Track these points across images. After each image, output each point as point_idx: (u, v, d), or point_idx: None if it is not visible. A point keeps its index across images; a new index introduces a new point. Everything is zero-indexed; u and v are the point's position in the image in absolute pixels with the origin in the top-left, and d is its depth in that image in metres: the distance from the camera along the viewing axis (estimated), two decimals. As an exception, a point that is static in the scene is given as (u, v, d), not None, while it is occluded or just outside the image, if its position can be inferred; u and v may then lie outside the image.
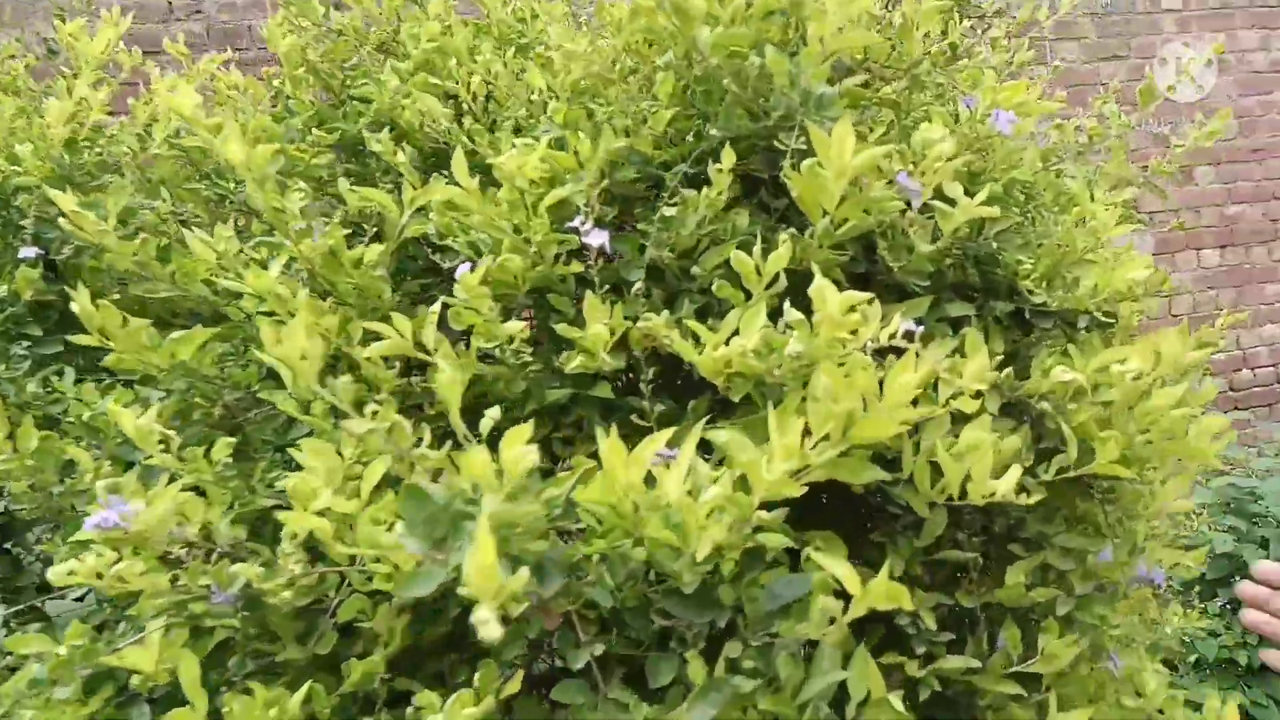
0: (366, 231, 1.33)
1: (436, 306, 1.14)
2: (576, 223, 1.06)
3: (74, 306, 1.11)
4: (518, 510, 0.76)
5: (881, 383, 0.95)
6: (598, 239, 1.03)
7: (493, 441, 0.98)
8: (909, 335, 0.95)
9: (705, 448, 1.13)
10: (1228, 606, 3.66)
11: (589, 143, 1.10)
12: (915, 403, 1.00)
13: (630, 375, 1.33)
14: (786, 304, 0.94)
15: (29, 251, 1.43)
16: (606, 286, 1.20)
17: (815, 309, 0.89)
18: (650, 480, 0.91)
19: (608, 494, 0.82)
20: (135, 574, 1.02)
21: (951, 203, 1.15)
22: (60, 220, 1.20)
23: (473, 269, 1.09)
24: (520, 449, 0.71)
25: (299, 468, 1.08)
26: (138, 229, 1.41)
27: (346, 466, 1.11)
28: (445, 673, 1.24)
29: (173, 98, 1.13)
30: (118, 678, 1.21)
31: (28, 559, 1.79)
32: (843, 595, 0.93)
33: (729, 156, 1.11)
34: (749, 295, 1.09)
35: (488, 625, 0.63)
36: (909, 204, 1.11)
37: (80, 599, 1.82)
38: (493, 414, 0.87)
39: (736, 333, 1.05)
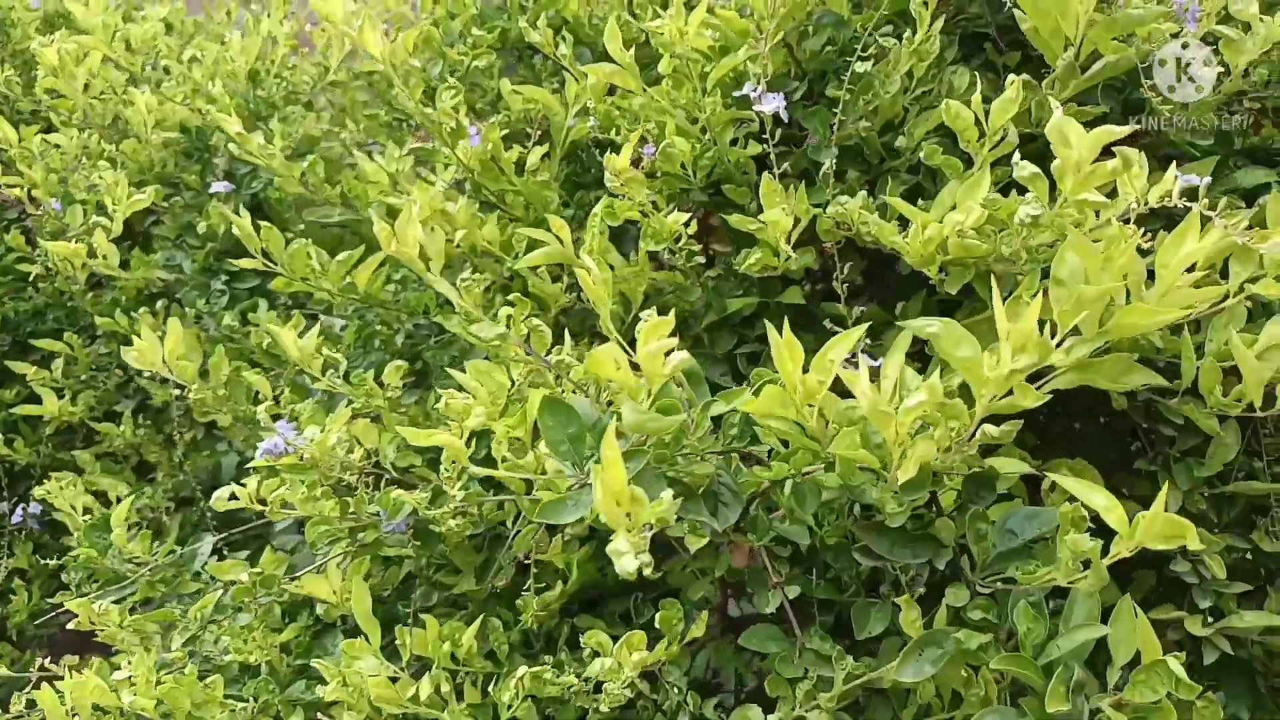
0: (531, 137, 1.22)
1: (600, 206, 1.01)
2: (747, 89, 0.89)
3: (234, 230, 1.07)
4: (659, 422, 0.62)
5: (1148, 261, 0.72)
6: (771, 105, 0.86)
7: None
8: (1189, 195, 0.71)
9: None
10: None
11: (764, -4, 0.92)
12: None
13: (824, 277, 1.15)
14: (1015, 156, 0.73)
15: (220, 186, 1.45)
16: (789, 171, 1.02)
17: (1057, 155, 0.67)
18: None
19: (783, 405, 0.66)
20: (299, 499, 0.98)
21: (1244, 28, 0.87)
22: (230, 146, 1.18)
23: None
24: (659, 344, 0.56)
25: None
26: (322, 158, 1.38)
27: (516, 390, 1.01)
28: (631, 612, 1.14)
29: (321, 2, 1.06)
30: (314, 605, 1.20)
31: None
32: (1100, 533, 0.73)
33: (937, -17, 0.89)
34: (969, 164, 0.88)
35: (623, 559, 0.50)
36: (1182, 30, 0.85)
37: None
38: (648, 314, 0.72)
39: (953, 210, 0.85)
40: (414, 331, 1.39)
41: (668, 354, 0.56)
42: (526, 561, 0.99)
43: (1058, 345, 0.69)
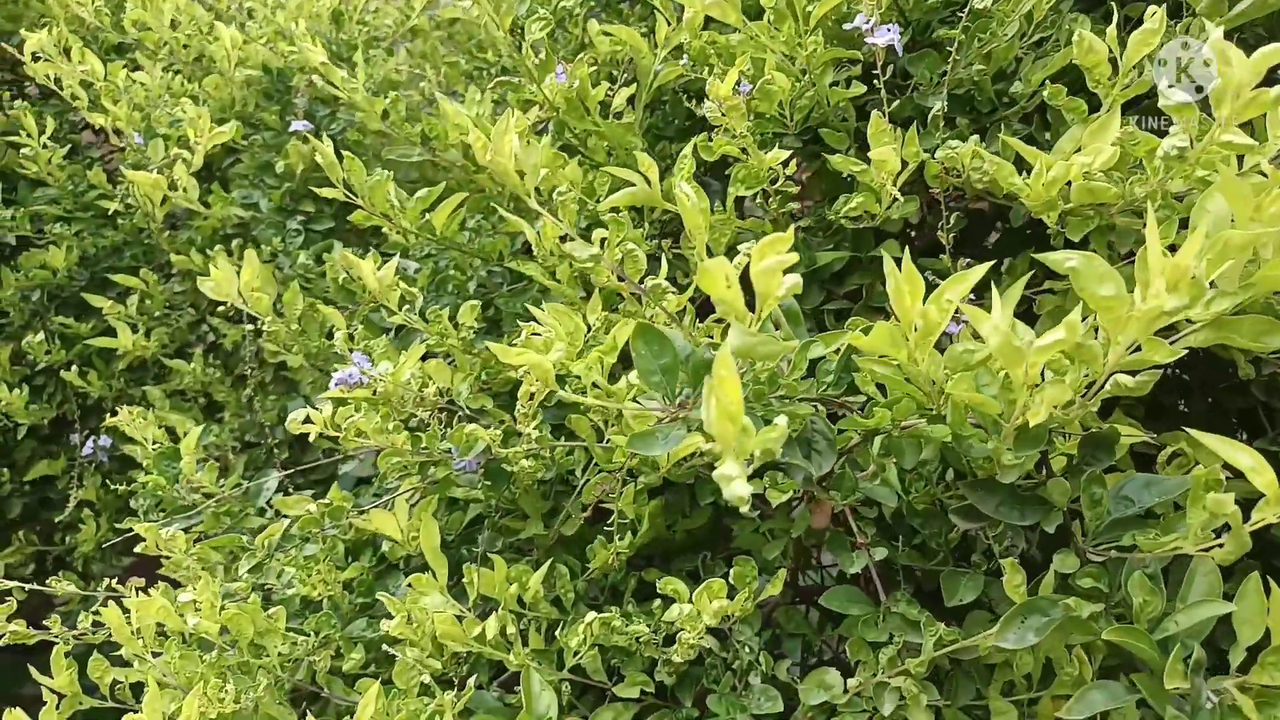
0: (617, 81, 1.19)
1: (689, 148, 0.97)
2: (859, 20, 0.84)
3: (318, 158, 1.05)
4: (770, 345, 0.58)
5: None
6: (885, 37, 0.81)
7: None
8: (1355, 136, 0.65)
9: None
10: None
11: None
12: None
13: (921, 231, 1.10)
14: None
15: (299, 124, 1.44)
16: (897, 106, 0.97)
17: (1218, 70, 0.61)
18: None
19: (894, 344, 0.62)
20: (372, 428, 0.96)
21: None
22: (311, 84, 1.16)
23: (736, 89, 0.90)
24: (776, 259, 0.52)
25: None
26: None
27: (593, 335, 0.98)
28: (700, 571, 1.11)
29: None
30: (378, 545, 1.19)
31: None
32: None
33: (1070, -89, 0.83)
34: (1094, 108, 0.82)
35: (733, 483, 0.46)
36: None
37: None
38: (746, 249, 0.68)
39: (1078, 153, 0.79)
40: (487, 279, 1.36)
41: (785, 272, 0.52)
42: (603, 504, 0.96)
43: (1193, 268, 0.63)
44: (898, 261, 0.64)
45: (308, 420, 0.93)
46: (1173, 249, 0.77)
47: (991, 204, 0.97)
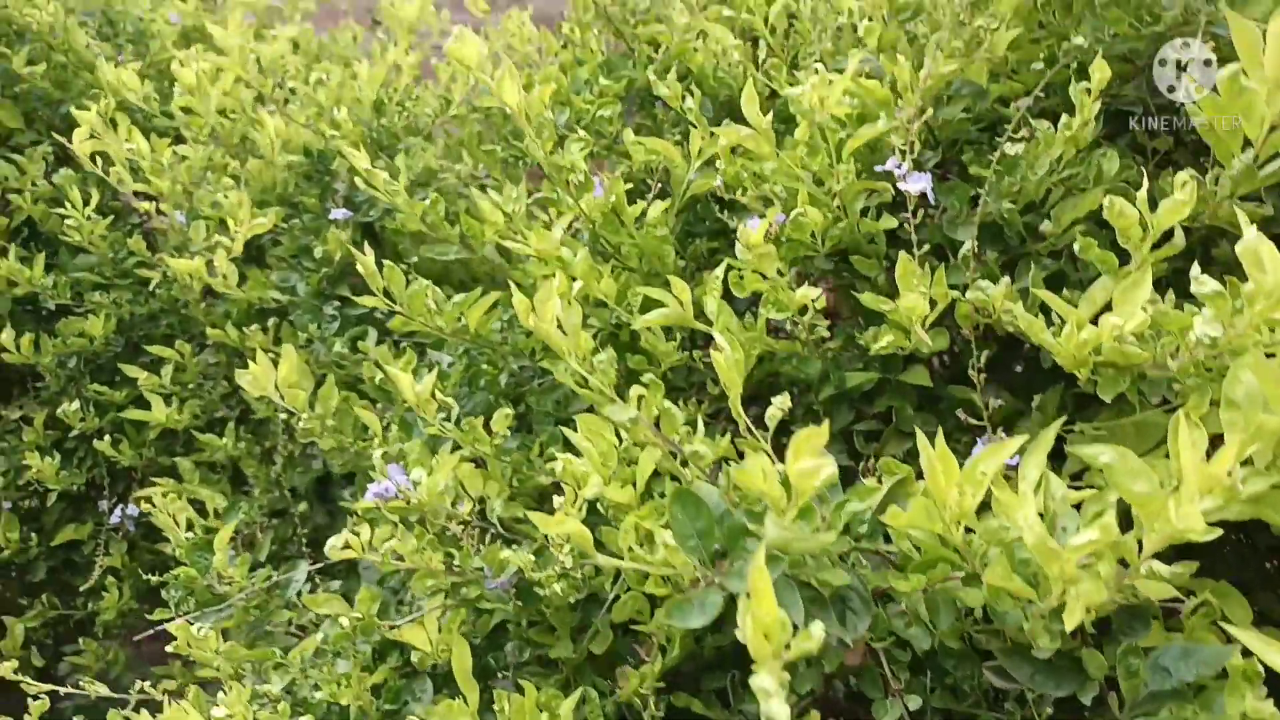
0: (651, 188, 1.21)
1: (720, 270, 0.99)
2: (890, 165, 0.86)
3: (359, 267, 1.08)
4: (808, 541, 0.59)
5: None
6: (917, 185, 0.82)
7: (782, 434, 0.80)
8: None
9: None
10: None
11: (909, 68, 0.88)
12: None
13: (951, 357, 1.11)
14: (1195, 269, 0.68)
15: (339, 213, 1.47)
16: (927, 249, 0.98)
17: (1248, 271, 0.62)
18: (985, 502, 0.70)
19: (930, 519, 0.63)
20: (409, 551, 0.97)
21: None
22: (356, 179, 1.19)
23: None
24: (813, 461, 0.53)
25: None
26: (437, 191, 1.40)
27: (624, 449, 0.99)
28: (729, 693, 1.10)
29: (456, 46, 1.06)
30: (405, 648, 1.20)
31: (343, 516, 1.88)
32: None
33: (1100, 69, 0.85)
34: (1124, 260, 0.83)
35: (770, 701, 0.47)
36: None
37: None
38: (780, 403, 0.70)
39: (1107, 309, 0.80)
40: (518, 373, 1.38)
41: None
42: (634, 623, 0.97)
43: (1229, 475, 0.64)
44: (930, 435, 0.65)
45: (346, 546, 0.95)
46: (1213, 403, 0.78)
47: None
